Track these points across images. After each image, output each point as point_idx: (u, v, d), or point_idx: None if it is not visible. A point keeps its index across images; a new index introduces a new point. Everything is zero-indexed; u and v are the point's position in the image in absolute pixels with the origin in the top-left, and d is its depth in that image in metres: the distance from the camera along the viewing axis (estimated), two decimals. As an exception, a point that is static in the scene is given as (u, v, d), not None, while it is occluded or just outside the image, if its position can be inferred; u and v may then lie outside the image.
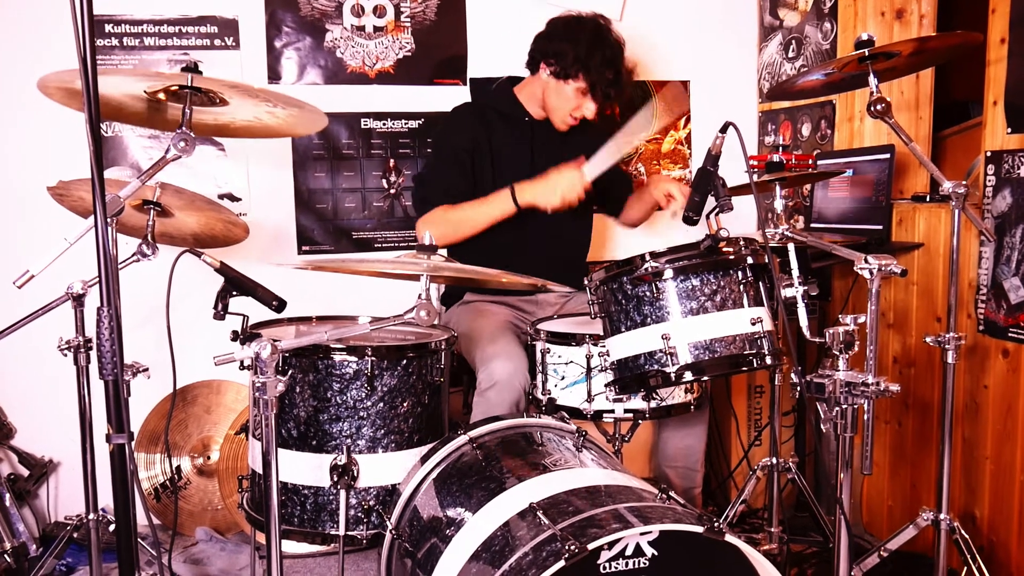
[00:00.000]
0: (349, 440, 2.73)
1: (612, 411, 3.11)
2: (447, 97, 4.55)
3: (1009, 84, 3.24)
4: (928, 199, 3.71)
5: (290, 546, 3.82)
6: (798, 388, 2.54)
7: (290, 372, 2.72)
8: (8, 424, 4.21)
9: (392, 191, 4.57)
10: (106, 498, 2.51)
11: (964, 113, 4.84)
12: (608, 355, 2.87)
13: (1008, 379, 3.30)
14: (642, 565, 2.00)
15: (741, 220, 4.38)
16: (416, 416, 2.82)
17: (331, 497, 2.74)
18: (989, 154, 3.33)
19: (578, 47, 3.62)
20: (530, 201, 3.51)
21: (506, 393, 3.25)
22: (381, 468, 2.75)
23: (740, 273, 2.70)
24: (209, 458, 4.26)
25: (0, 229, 4.16)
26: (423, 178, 3.85)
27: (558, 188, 3.45)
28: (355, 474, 2.71)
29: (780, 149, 3.02)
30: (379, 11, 4.47)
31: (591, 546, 1.88)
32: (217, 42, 4.32)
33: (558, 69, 3.66)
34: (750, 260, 2.71)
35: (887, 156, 3.83)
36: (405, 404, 2.79)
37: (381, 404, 2.75)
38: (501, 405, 3.22)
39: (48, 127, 4.09)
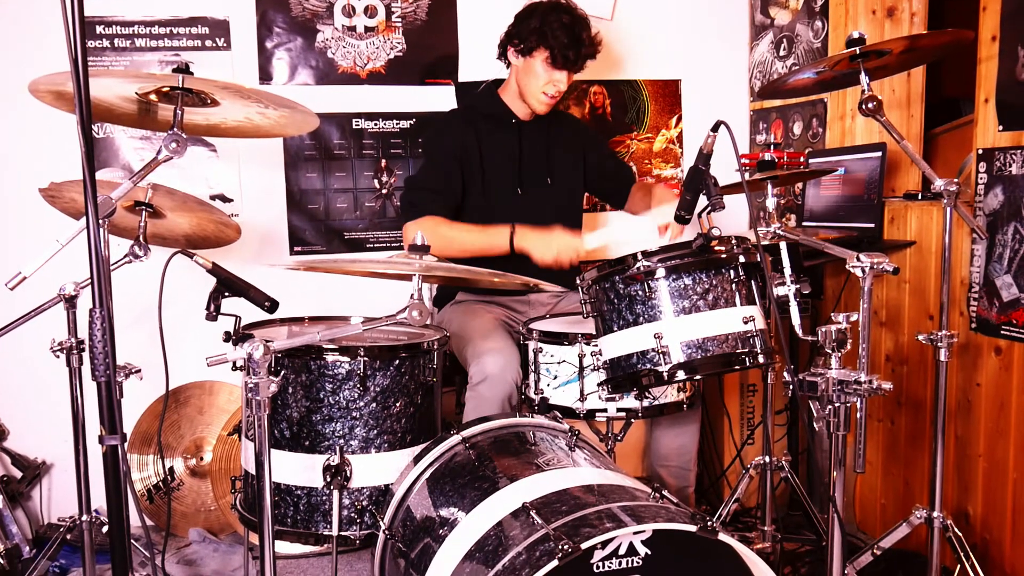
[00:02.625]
0: (342, 440, 2.73)
1: (605, 410, 3.11)
2: (438, 97, 4.55)
3: (1000, 81, 3.25)
4: (920, 197, 3.72)
5: (283, 546, 3.82)
6: (791, 386, 2.54)
7: (283, 373, 2.72)
8: (1, 426, 4.20)
9: (384, 191, 4.57)
10: (99, 499, 2.51)
11: (955, 111, 4.86)
12: (600, 354, 2.87)
13: (1000, 377, 3.31)
14: (635, 564, 2.01)
15: (733, 219, 4.38)
16: (409, 416, 2.82)
17: (324, 497, 2.74)
18: (981, 152, 3.33)
19: (534, 20, 3.66)
20: (526, 248, 3.51)
21: (498, 387, 3.25)
22: (374, 468, 2.75)
23: (732, 272, 2.70)
24: (202, 459, 4.26)
25: (-9, 231, 4.15)
26: (413, 182, 3.85)
27: (555, 247, 3.47)
28: (348, 474, 2.71)
29: (772, 147, 3.04)
30: (370, 11, 4.47)
31: (584, 545, 1.88)
32: (208, 43, 4.31)
33: (522, 46, 3.70)
34: (742, 259, 2.71)
35: (879, 154, 3.83)
36: (398, 404, 2.78)
37: (374, 404, 2.75)
38: (493, 399, 3.22)
39: (39, 129, 4.08)
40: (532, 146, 3.86)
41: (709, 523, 1.97)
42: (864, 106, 2.73)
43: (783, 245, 2.82)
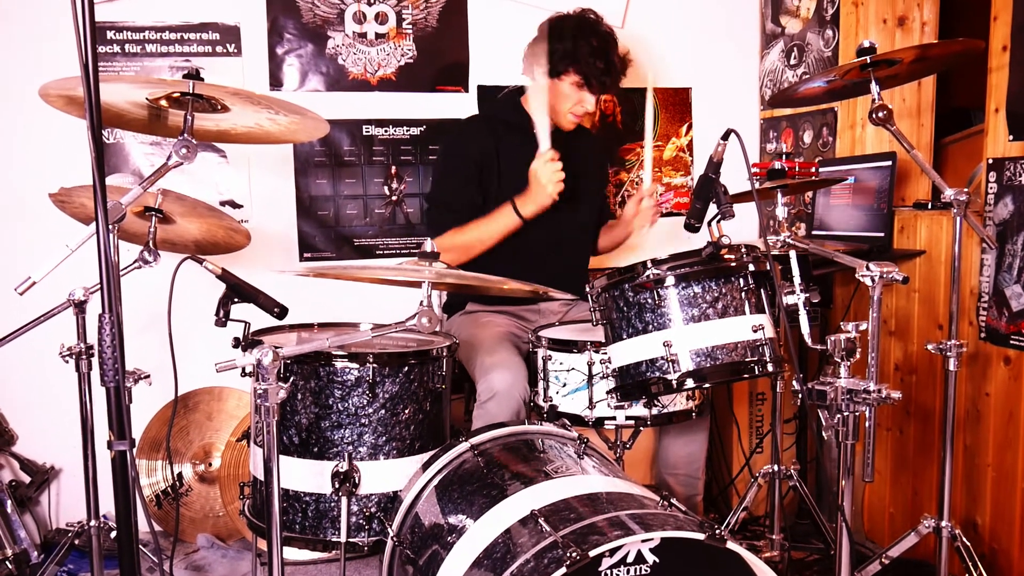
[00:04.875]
0: (351, 447, 2.72)
1: (614, 418, 3.11)
2: (449, 104, 4.56)
3: (1011, 91, 3.24)
4: (930, 206, 3.71)
5: (291, 553, 3.81)
6: (800, 395, 2.54)
7: (292, 379, 2.72)
8: (10, 431, 4.21)
9: (394, 198, 4.57)
10: (108, 505, 2.51)
11: (966, 120, 4.85)
12: (610, 362, 2.86)
13: (1009, 386, 3.30)
14: (643, 572, 2.00)
15: (743, 227, 4.38)
16: (417, 423, 2.81)
17: (332, 504, 2.73)
18: (991, 161, 3.33)
19: (564, 42, 3.64)
20: (532, 211, 3.53)
21: (506, 404, 3.24)
22: (383, 475, 2.75)
23: (742, 280, 2.69)
24: (210, 465, 4.26)
25: (2, 235, 4.16)
26: (433, 197, 3.85)
27: (543, 182, 3.48)
28: (356, 481, 2.71)
29: (782, 156, 3.03)
30: (381, 18, 4.47)
31: (592, 553, 1.88)
32: (219, 49, 4.32)
33: (549, 68, 3.67)
34: (752, 267, 2.70)
35: (889, 163, 3.83)
36: (407, 411, 2.78)
37: (383, 411, 2.74)
38: (501, 416, 3.21)
39: (50, 134, 4.09)
40: None
41: (717, 531, 1.97)
42: (874, 115, 2.72)
43: (793, 254, 2.82)
